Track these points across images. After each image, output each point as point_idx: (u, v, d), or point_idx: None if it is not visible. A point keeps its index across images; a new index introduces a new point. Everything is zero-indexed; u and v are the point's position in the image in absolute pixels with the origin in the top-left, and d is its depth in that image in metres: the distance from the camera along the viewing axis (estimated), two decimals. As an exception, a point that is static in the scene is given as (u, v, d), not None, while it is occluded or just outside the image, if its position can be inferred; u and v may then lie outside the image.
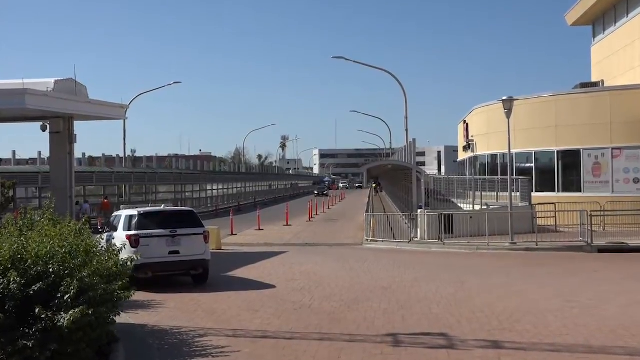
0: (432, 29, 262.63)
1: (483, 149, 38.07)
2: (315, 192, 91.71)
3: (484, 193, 31.70)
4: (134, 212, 15.85)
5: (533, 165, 32.79)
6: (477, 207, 29.72)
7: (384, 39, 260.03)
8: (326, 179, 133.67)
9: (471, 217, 25.38)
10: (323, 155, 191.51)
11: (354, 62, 39.64)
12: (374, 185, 70.39)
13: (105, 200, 38.31)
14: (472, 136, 40.45)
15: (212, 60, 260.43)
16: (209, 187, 58.95)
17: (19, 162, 39.94)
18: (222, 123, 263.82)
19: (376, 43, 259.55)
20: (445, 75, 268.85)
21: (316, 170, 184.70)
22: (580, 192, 29.91)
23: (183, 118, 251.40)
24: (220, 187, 62.08)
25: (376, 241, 26.05)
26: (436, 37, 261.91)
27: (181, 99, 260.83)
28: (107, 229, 16.63)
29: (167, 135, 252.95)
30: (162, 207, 17.47)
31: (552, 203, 27.32)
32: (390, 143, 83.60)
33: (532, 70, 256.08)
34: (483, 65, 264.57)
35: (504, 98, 24.23)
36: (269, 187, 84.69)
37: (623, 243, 22.37)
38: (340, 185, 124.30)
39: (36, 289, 7.65)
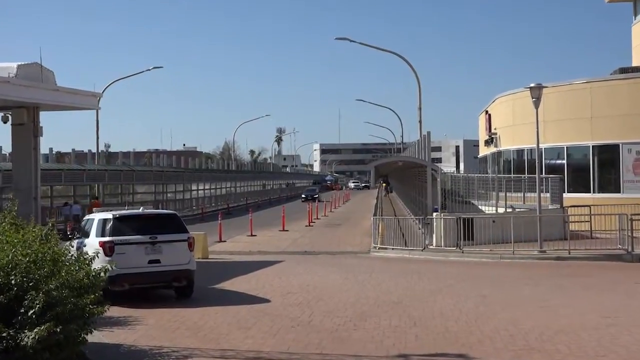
0: (448, 7, 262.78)
1: (507, 144, 38.09)
2: (303, 196, 75.78)
3: (508, 194, 31.71)
4: (108, 215, 15.87)
5: (565, 161, 32.82)
6: (501, 210, 29.74)
7: (394, 18, 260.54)
8: (328, 177, 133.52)
9: (494, 222, 25.42)
10: (324, 151, 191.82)
11: (360, 43, 39.67)
12: (383, 184, 70.50)
13: (97, 201, 38.28)
14: (495, 129, 40.50)
15: (197, 44, 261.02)
16: (194, 187, 59.06)
17: (-24, 158, 39.97)
18: (209, 114, 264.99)
19: (385, 22, 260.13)
20: (464, 59, 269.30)
21: (316, 168, 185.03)
22: (619, 192, 29.96)
23: (164, 109, 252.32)
24: (207, 187, 62.18)
25: (385, 249, 26.09)
26: (453, 16, 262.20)
27: (162, 87, 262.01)
28: (78, 235, 16.64)
29: (146, 128, 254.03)
30: (140, 210, 17.51)
31: (587, 205, 27.33)
32: (402, 137, 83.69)
33: (563, 54, 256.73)
34: (507, 49, 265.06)
35: (532, 85, 24.26)
36: (263, 187, 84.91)
37: (668, 251, 22.39)
38: (352, 185, 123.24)
39: (-4, 303, 7.66)
